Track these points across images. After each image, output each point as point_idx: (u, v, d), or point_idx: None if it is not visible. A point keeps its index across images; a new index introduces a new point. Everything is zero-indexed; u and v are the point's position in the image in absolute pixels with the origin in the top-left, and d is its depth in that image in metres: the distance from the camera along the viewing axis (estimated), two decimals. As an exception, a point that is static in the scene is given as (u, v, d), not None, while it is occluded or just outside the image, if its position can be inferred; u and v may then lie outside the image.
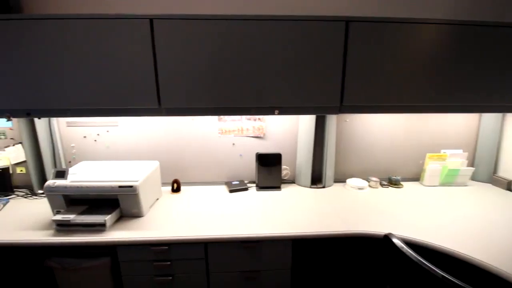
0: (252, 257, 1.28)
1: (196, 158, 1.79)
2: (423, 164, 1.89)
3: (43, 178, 1.72)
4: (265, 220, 1.36)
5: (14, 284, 1.44)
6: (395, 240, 1.13)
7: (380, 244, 1.21)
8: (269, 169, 1.72)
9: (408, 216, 1.41)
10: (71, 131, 1.72)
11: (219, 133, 1.76)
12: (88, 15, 1.22)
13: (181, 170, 1.79)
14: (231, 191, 1.69)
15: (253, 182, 1.82)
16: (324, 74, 1.32)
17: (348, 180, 1.81)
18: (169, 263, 1.25)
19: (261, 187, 1.74)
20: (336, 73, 1.32)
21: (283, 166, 1.77)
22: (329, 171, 1.79)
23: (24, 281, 1.44)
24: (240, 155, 1.81)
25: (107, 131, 1.73)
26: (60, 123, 1.71)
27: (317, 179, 1.83)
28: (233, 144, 1.79)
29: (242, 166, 1.83)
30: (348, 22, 1.27)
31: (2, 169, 1.64)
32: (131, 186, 1.32)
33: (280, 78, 1.31)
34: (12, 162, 1.72)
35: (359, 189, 1.74)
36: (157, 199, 1.59)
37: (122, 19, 1.22)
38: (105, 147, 1.75)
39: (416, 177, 1.93)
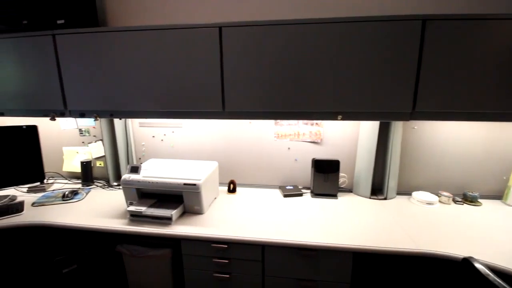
0: (310, 265, 1.25)
1: (252, 160, 1.83)
2: (507, 180, 1.63)
3: (117, 172, 1.93)
4: (322, 229, 1.31)
5: (89, 264, 1.63)
6: (478, 266, 0.99)
7: (455, 268, 1.07)
8: (326, 176, 1.66)
9: (490, 239, 1.23)
10: (142, 131, 1.91)
11: (275, 137, 1.77)
12: (162, 26, 1.34)
13: (237, 171, 1.84)
14: (285, 196, 1.68)
15: (308, 188, 1.78)
16: (395, 77, 1.23)
17: (414, 193, 1.65)
18: (227, 261, 1.29)
19: (316, 194, 1.69)
20: (409, 77, 1.22)
21: (341, 174, 1.70)
22: (392, 181, 1.66)
23: (97, 263, 1.62)
24: (295, 159, 1.79)
25: (172, 132, 1.87)
26: (134, 124, 1.90)
27: (377, 190, 1.71)
28: (289, 148, 1.78)
29: (296, 171, 1.80)
30: (425, 20, 1.17)
31: (86, 162, 1.89)
32: (194, 184, 1.40)
33: (345, 82, 1.26)
34: (93, 157, 1.97)
35: (428, 204, 1.58)
36: (215, 198, 1.66)
37: (194, 28, 1.31)
38: (170, 147, 1.90)
39: (497, 195, 1.67)
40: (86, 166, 1.88)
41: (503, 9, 1.41)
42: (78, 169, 1.96)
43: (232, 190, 1.75)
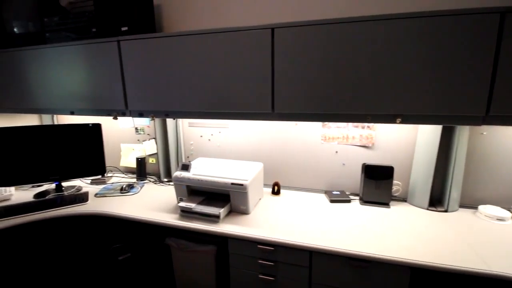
0: (361, 277, 1.18)
1: (297, 163, 1.79)
2: None
3: (168, 169, 2.05)
4: (375, 239, 1.23)
5: (141, 253, 1.74)
6: None
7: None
8: (377, 183, 1.56)
9: None
10: (191, 131, 1.99)
11: (322, 139, 1.72)
12: (213, 30, 1.38)
13: (281, 173, 1.83)
14: (332, 201, 1.61)
15: (356, 195, 1.69)
16: (466, 77, 1.10)
17: (481, 207, 1.47)
18: (273, 263, 1.28)
19: (366, 201, 1.60)
20: (483, 76, 1.09)
21: (395, 181, 1.58)
22: (454, 192, 1.50)
23: (148, 253, 1.73)
24: (343, 164, 1.71)
25: (219, 132, 1.92)
26: (184, 124, 2.00)
27: (436, 201, 1.56)
28: (336, 152, 1.71)
29: (344, 176, 1.73)
30: (504, 13, 1.04)
31: (140, 158, 2.03)
32: (241, 185, 1.42)
33: (407, 82, 1.17)
34: (147, 153, 2.12)
35: (498, 220, 1.39)
36: (260, 199, 1.66)
37: (246, 30, 1.33)
38: (216, 146, 1.95)
39: None
40: (141, 162, 2.02)
41: None
42: (133, 164, 2.12)
43: (276, 192, 1.74)
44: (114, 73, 1.61)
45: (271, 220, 1.41)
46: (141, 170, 2.03)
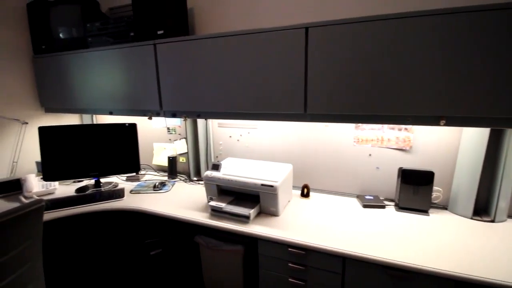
0: None
1: (327, 165, 1.75)
2: None
3: (197, 168, 2.09)
4: (413, 248, 1.16)
5: (172, 249, 1.79)
6: None
7: None
8: (415, 189, 1.47)
9: None
10: (220, 131, 2.02)
11: (354, 141, 1.66)
12: (247, 31, 1.38)
13: (310, 175, 1.79)
14: (365, 206, 1.55)
15: (391, 200, 1.61)
16: (523, 75, 1.01)
17: (535, 219, 1.33)
18: (303, 268, 1.25)
19: (402, 208, 1.52)
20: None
21: (435, 187, 1.48)
22: (502, 202, 1.37)
23: (178, 250, 1.78)
24: (377, 168, 1.64)
25: (248, 133, 1.93)
26: (214, 124, 2.03)
27: (481, 210, 1.44)
28: (370, 155, 1.64)
29: (378, 180, 1.65)
30: None
31: (172, 157, 2.10)
32: (271, 186, 1.41)
33: (454, 81, 1.09)
34: (177, 153, 2.18)
35: (558, 234, 1.25)
36: (289, 201, 1.64)
37: (279, 30, 1.32)
38: (245, 147, 1.96)
39: None
40: (172, 161, 2.08)
41: None
42: (164, 163, 2.19)
43: (305, 195, 1.70)
44: (150, 75, 1.67)
45: (301, 223, 1.38)
46: (172, 168, 2.10)
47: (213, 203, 1.49)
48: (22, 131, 2.05)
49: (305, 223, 1.39)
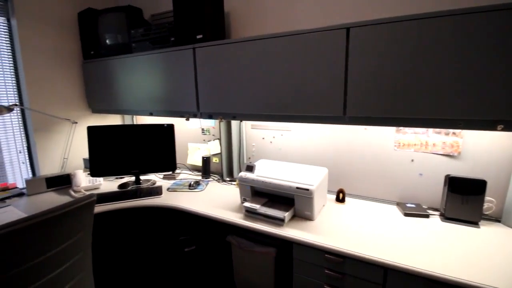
0: (446, 304, 1.04)
1: (364, 170, 1.68)
2: None
3: (230, 168, 2.12)
4: (463, 262, 1.07)
5: (205, 247, 1.84)
6: None
7: None
8: (464, 198, 1.36)
9: None
10: (253, 133, 2.04)
11: (395, 146, 1.58)
12: (285, 33, 1.38)
13: (346, 180, 1.74)
14: (406, 215, 1.46)
15: (436, 210, 1.51)
16: None
17: None
18: (340, 275, 1.21)
19: (448, 218, 1.41)
20: None
21: (487, 198, 1.36)
22: None
23: (211, 248, 1.81)
24: (420, 174, 1.55)
25: (281, 135, 1.92)
26: (247, 126, 2.05)
27: (544, 225, 1.30)
28: (412, 160, 1.55)
29: (420, 187, 1.55)
30: None
31: (206, 157, 2.15)
32: (307, 189, 1.39)
33: (510, 81, 0.99)
34: (211, 153, 2.23)
35: None
36: (323, 205, 1.61)
37: (318, 32, 1.30)
38: (277, 149, 1.95)
39: None
40: (206, 161, 2.14)
41: None
42: (198, 162, 2.26)
43: (341, 200, 1.65)
44: (189, 78, 1.73)
45: (338, 229, 1.34)
46: (206, 168, 2.15)
47: (247, 204, 1.50)
48: (72, 130, 2.23)
49: (342, 229, 1.35)
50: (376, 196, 1.67)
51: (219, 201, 1.72)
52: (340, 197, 1.66)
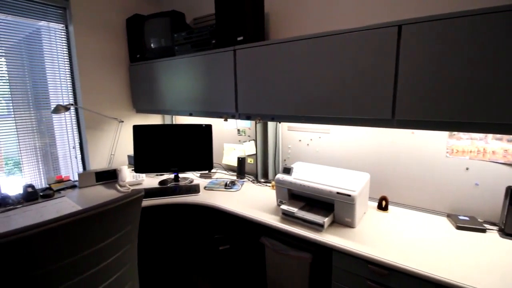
0: (511, 331, 0.93)
1: (411, 177, 1.57)
2: None
3: (265, 170, 2.12)
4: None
5: (238, 247, 1.85)
6: None
7: None
8: (531, 213, 1.21)
9: None
10: (290, 134, 2.01)
11: (447, 152, 1.45)
12: (328, 33, 1.34)
13: (389, 187, 1.64)
14: (458, 228, 1.34)
15: (493, 224, 1.36)
16: None
17: None
18: (385, 288, 1.15)
19: (508, 234, 1.27)
20: None
21: (561, 214, 1.20)
22: None
23: (245, 248, 1.82)
24: (476, 184, 1.41)
25: (319, 137, 1.87)
26: (283, 127, 2.03)
27: None
28: (467, 168, 1.42)
29: (476, 199, 1.42)
30: None
31: (241, 158, 2.17)
32: (349, 195, 1.33)
33: None
34: (246, 154, 2.25)
35: None
36: (364, 213, 1.53)
37: (368, 30, 1.24)
38: (315, 151, 1.91)
39: None
40: (241, 161, 2.16)
41: None
42: (233, 163, 2.29)
43: (383, 208, 1.57)
44: (229, 79, 1.76)
45: (382, 239, 1.27)
46: (241, 169, 2.17)
47: (284, 207, 1.48)
48: (119, 128, 2.39)
49: (387, 239, 1.27)
50: (423, 206, 1.55)
51: (254, 202, 1.72)
52: (383, 205, 1.57)
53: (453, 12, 1.05)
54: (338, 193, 1.36)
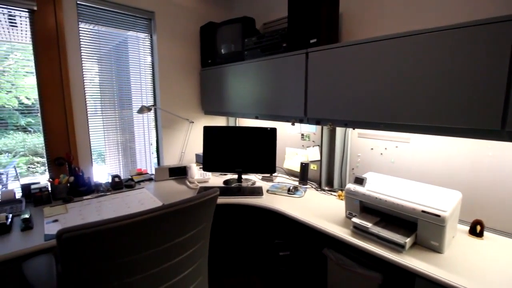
0: None
1: (517, 200, 1.31)
2: None
3: (330, 178, 2.02)
4: None
5: (299, 254, 1.79)
6: None
7: None
8: None
9: None
10: (360, 142, 1.88)
11: None
12: (414, 32, 1.21)
13: (485, 209, 1.39)
14: None
15: None
16: None
17: None
18: (486, 332, 0.96)
19: None
20: None
21: None
22: None
23: (305, 257, 1.75)
24: None
25: (396, 147, 1.70)
26: (353, 134, 1.91)
27: None
28: None
29: None
30: None
31: (305, 163, 2.11)
32: (438, 215, 1.16)
33: None
34: (309, 159, 2.18)
35: None
36: (453, 237, 1.33)
37: (473, 26, 1.07)
38: (389, 162, 1.74)
39: None
40: (305, 167, 2.10)
41: None
42: (295, 168, 2.24)
43: (477, 233, 1.33)
44: (299, 83, 1.73)
45: (479, 270, 1.08)
46: (304, 174, 2.11)
47: (356, 220, 1.37)
48: (190, 128, 2.57)
49: (485, 271, 1.07)
50: (533, 237, 1.27)
51: (318, 211, 1.64)
52: (477, 230, 1.33)
53: None
54: (423, 211, 1.21)
